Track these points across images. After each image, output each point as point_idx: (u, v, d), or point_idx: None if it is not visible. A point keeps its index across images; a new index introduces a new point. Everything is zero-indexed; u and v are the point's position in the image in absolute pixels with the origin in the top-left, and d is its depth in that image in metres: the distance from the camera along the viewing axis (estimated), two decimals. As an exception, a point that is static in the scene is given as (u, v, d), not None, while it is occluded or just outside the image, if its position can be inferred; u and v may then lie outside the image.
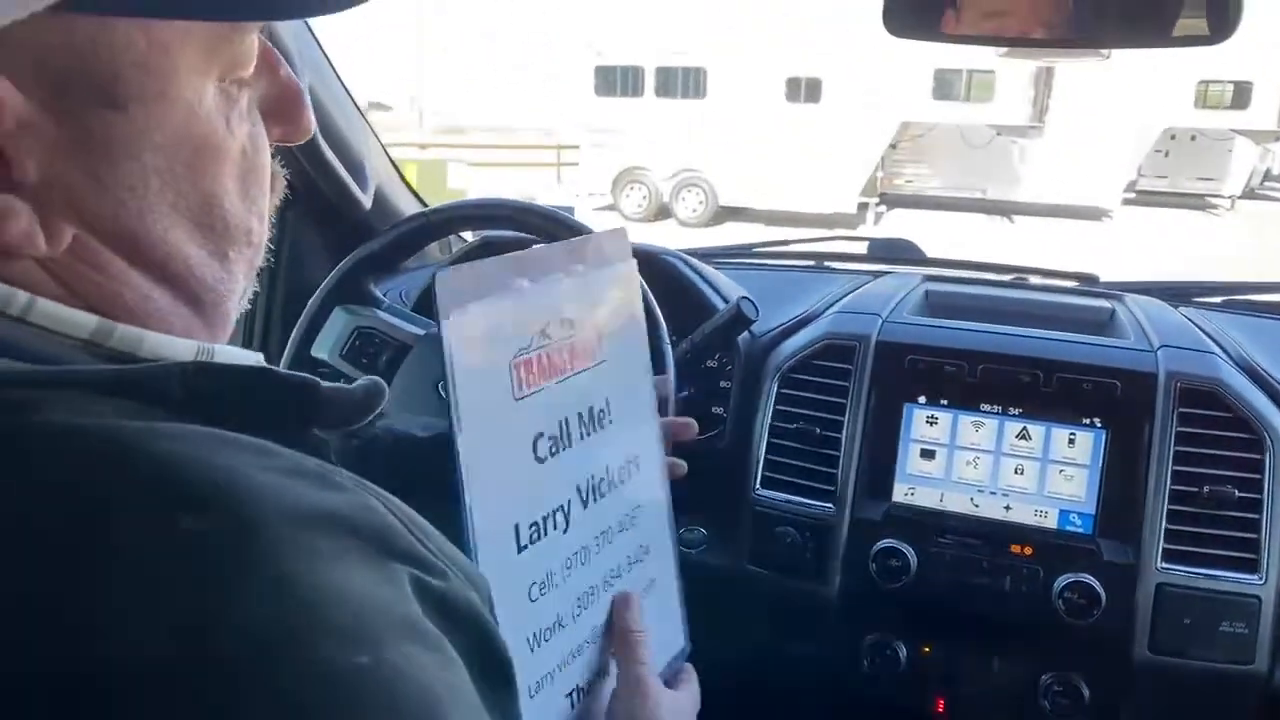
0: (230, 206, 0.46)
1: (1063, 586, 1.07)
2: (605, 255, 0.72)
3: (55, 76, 0.38)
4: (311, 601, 0.34)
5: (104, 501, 0.34)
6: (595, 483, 0.69)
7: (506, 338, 0.61)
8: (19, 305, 0.40)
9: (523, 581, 0.62)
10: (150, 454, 0.36)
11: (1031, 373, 1.13)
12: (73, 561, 0.33)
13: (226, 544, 0.34)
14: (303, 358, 1.16)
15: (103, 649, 0.32)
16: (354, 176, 1.26)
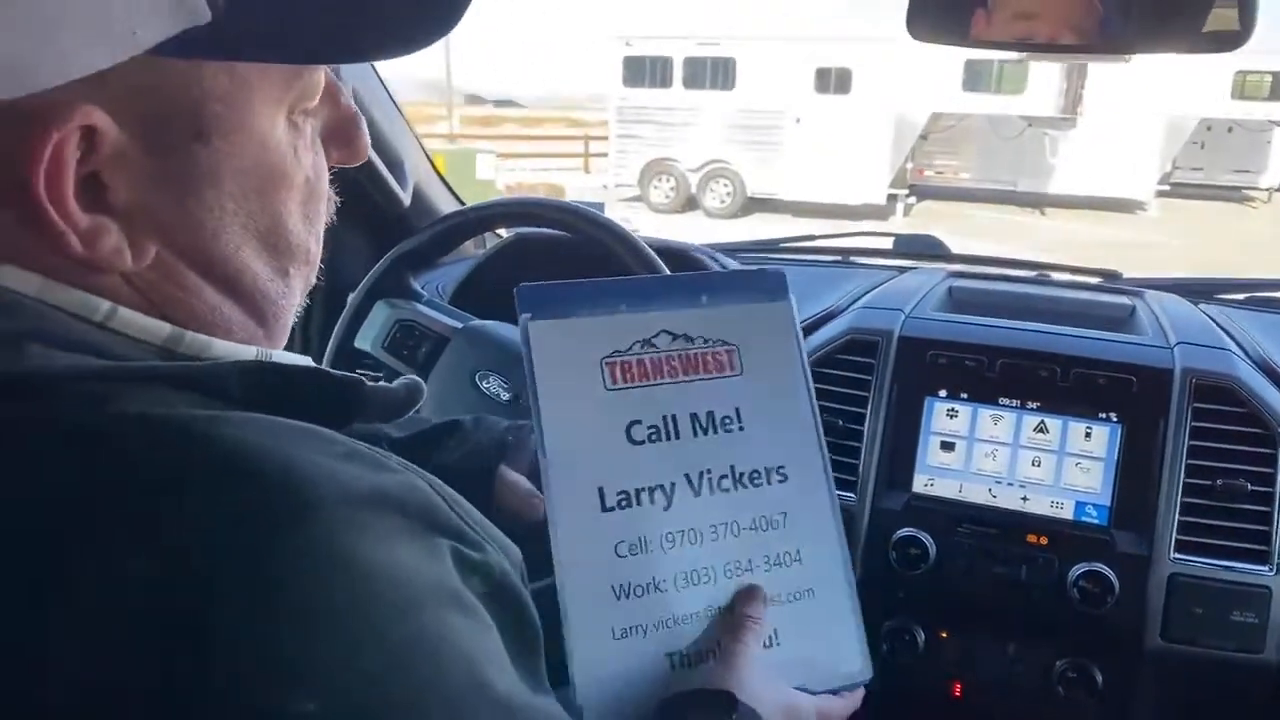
0: (293, 229, 0.51)
1: (1077, 576, 1.10)
2: (747, 289, 0.83)
3: (148, 112, 0.43)
4: (362, 575, 0.39)
5: (177, 481, 0.39)
6: (713, 477, 0.77)
7: (596, 342, 0.75)
8: (102, 313, 0.44)
9: (609, 537, 0.72)
10: (218, 438, 0.40)
11: (1049, 368, 1.16)
12: (151, 533, 0.38)
13: (285, 522, 0.39)
14: (346, 349, 1.21)
15: (180, 603, 0.37)
16: (394, 175, 1.32)
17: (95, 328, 0.45)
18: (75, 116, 0.41)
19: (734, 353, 0.81)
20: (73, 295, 0.44)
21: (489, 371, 1.13)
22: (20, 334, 0.41)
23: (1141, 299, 1.41)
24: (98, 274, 0.44)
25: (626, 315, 0.78)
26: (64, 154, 0.41)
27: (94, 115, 0.41)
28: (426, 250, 1.24)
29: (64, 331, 0.43)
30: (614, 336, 0.76)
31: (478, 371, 1.13)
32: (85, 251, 0.43)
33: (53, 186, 0.41)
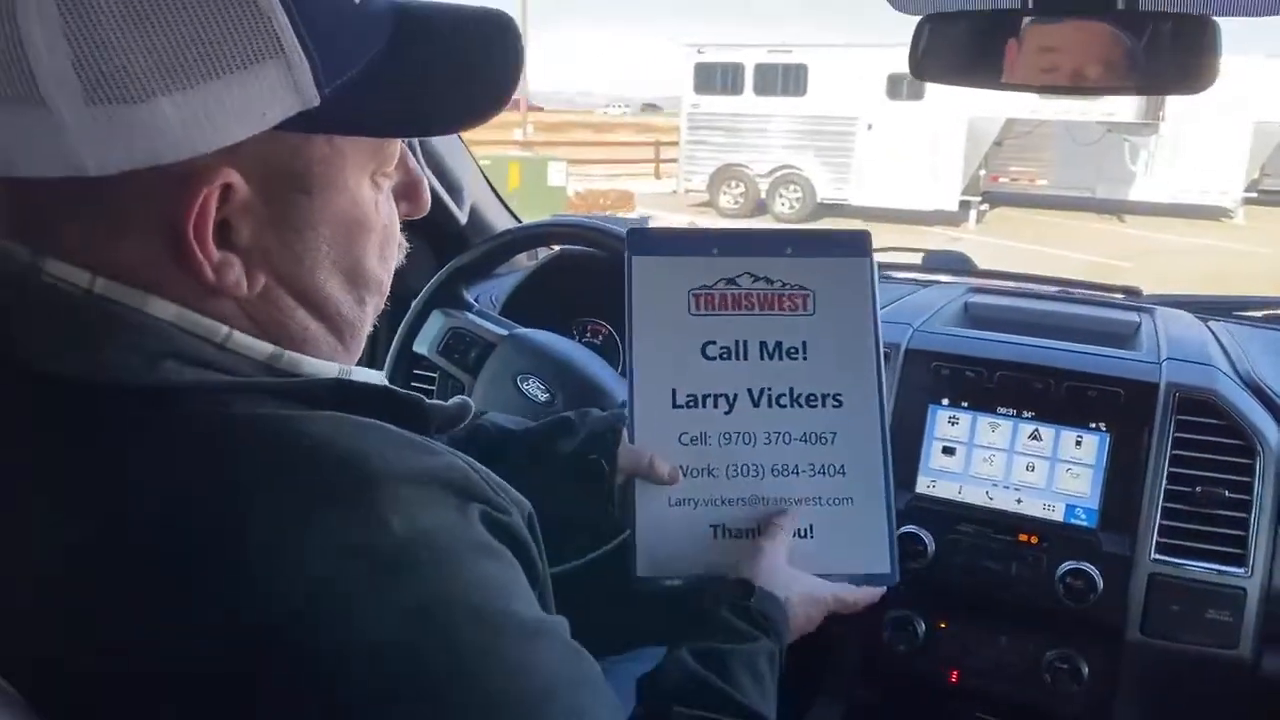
0: (371, 266, 0.63)
1: (1064, 573, 1.19)
2: (829, 245, 0.99)
3: (269, 172, 0.56)
4: (408, 534, 0.52)
5: (274, 464, 0.52)
6: (772, 394, 0.94)
7: (686, 277, 0.95)
8: (221, 336, 0.57)
9: (675, 427, 0.92)
10: (305, 432, 0.54)
11: (1044, 380, 1.25)
12: (257, 503, 0.51)
13: (350, 494, 0.52)
14: (406, 352, 1.36)
15: (267, 553, 0.50)
16: (452, 196, 1.47)
17: (215, 348, 0.57)
18: (219, 176, 0.53)
19: (809, 296, 0.96)
20: (200, 321, 0.56)
21: (529, 375, 1.26)
22: (159, 353, 0.54)
23: (1151, 316, 1.49)
24: (219, 300, 0.57)
25: (716, 258, 0.96)
26: (209, 205, 0.54)
27: (232, 175, 0.54)
28: (477, 265, 1.38)
29: (192, 351, 0.55)
30: (702, 273, 0.96)
31: (519, 375, 1.27)
32: (215, 280, 0.56)
33: (199, 230, 0.54)
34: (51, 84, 0.49)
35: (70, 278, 0.54)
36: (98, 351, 0.53)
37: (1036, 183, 13.69)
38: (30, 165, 0.52)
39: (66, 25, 0.48)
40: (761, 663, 0.73)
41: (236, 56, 0.51)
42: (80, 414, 0.52)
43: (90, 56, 0.49)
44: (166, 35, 0.49)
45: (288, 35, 0.52)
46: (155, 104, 0.50)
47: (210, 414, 0.53)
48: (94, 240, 0.54)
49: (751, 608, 0.78)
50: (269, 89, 0.52)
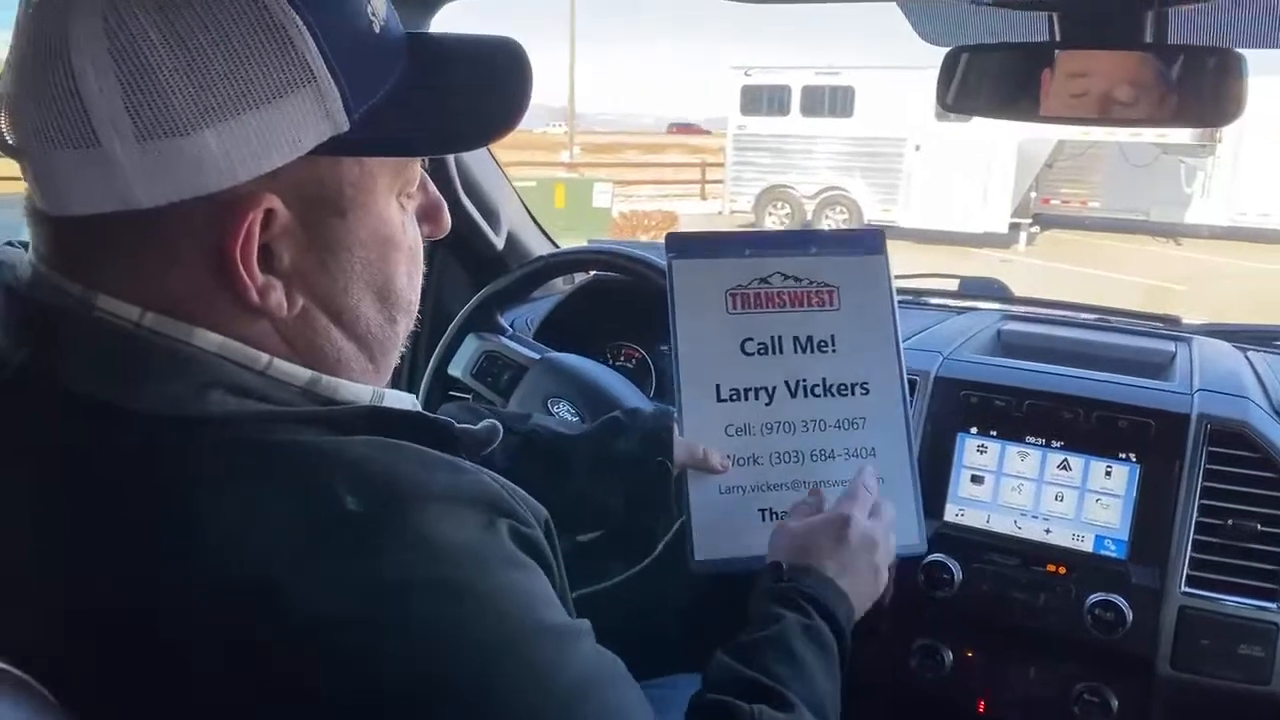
0: (400, 285, 0.66)
1: (1093, 604, 1.18)
2: (849, 244, 1.08)
3: (306, 196, 0.59)
4: (441, 550, 0.55)
5: (315, 487, 0.55)
6: (808, 385, 1.03)
7: (723, 278, 1.03)
8: (262, 364, 0.60)
9: (720, 420, 1.00)
10: (342, 456, 0.57)
11: (1073, 410, 1.25)
12: (299, 519, 0.53)
13: (382, 513, 0.54)
14: (441, 374, 1.40)
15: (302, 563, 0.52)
16: (489, 223, 1.51)
17: (257, 375, 0.59)
18: (262, 202, 0.56)
19: (834, 292, 1.05)
20: (242, 350, 0.58)
21: (560, 398, 1.29)
22: (205, 383, 0.56)
23: (1188, 345, 1.47)
24: (259, 324, 0.60)
25: (749, 259, 1.05)
26: (253, 230, 0.57)
27: (273, 201, 0.56)
28: (512, 290, 1.42)
29: (236, 380, 0.57)
30: (737, 274, 1.04)
31: (550, 398, 1.29)
32: (259, 303, 0.58)
33: (244, 254, 0.56)
34: (106, 124, 0.52)
35: (120, 312, 0.57)
36: (147, 383, 0.55)
37: (1088, 205, 13.49)
38: (84, 202, 0.55)
39: (118, 68, 0.52)
40: (793, 640, 0.76)
41: (272, 86, 0.54)
42: (132, 444, 0.55)
43: (141, 95, 0.52)
44: (209, 70, 0.53)
45: (318, 64, 0.55)
46: (200, 136, 0.53)
47: (254, 441, 0.56)
48: (143, 272, 0.57)
49: (780, 589, 0.82)
50: (303, 115, 0.56)
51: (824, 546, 0.86)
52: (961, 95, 1.16)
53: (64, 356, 0.57)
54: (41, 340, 0.57)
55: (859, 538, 0.88)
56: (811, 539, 0.87)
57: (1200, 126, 1.33)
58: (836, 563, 0.85)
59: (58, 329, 0.57)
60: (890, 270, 1.09)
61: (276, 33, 0.54)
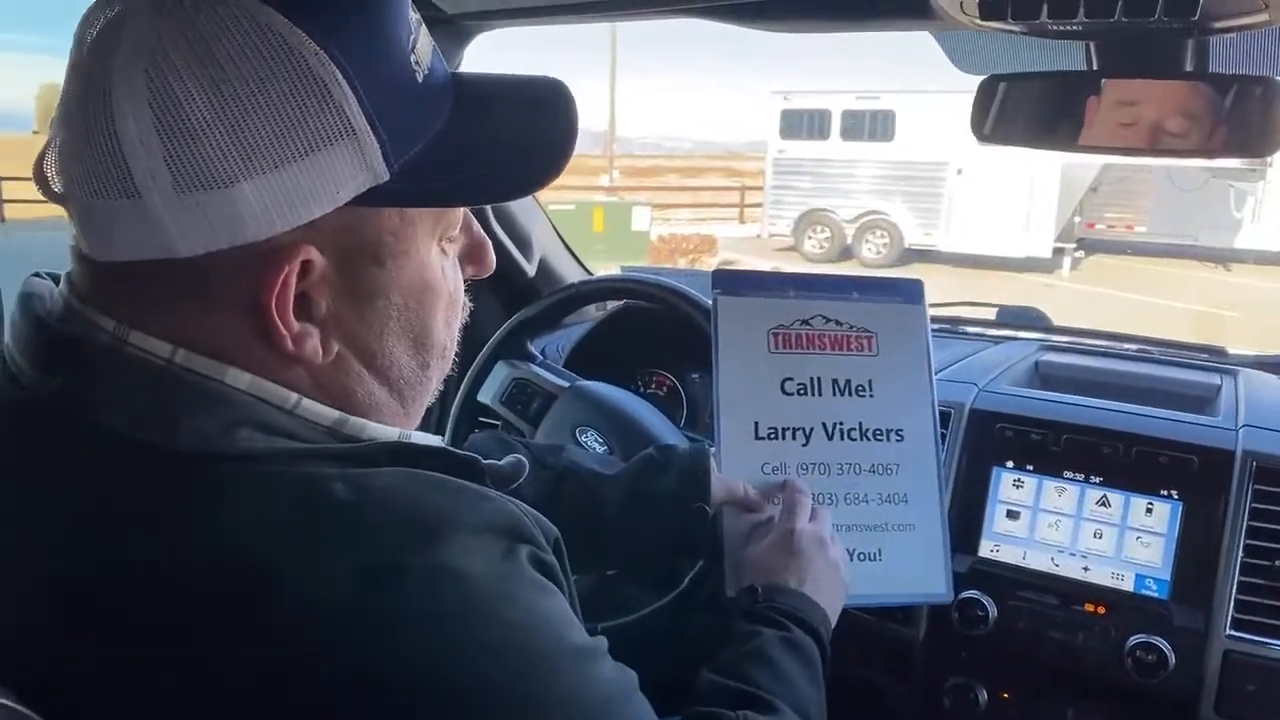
0: (437, 331, 0.66)
1: (1133, 646, 1.15)
2: (889, 292, 1.10)
3: (344, 245, 0.59)
4: (470, 582, 0.55)
5: (341, 520, 0.55)
6: (844, 428, 1.04)
7: (766, 317, 1.04)
8: (291, 403, 0.60)
9: (758, 458, 1.01)
10: (369, 488, 0.56)
11: (1112, 444, 1.22)
12: (328, 552, 0.53)
13: (413, 549, 0.54)
14: (471, 401, 1.40)
15: (337, 603, 0.52)
16: (521, 250, 1.51)
17: (285, 414, 0.59)
18: (300, 254, 0.56)
19: (873, 338, 1.07)
20: (271, 388, 0.59)
21: (588, 427, 1.28)
22: (235, 421, 0.56)
23: (1234, 378, 1.43)
24: (292, 368, 0.60)
25: (793, 299, 1.07)
26: (290, 281, 0.57)
27: (310, 252, 0.56)
28: (543, 317, 1.42)
29: (264, 418, 0.58)
30: (780, 313, 1.05)
31: (578, 426, 1.29)
32: (295, 351, 0.59)
33: (280, 304, 0.56)
34: (146, 177, 0.53)
35: (152, 349, 0.57)
36: (177, 419, 0.56)
37: (1135, 230, 13.25)
38: (122, 249, 0.56)
39: (159, 122, 0.53)
40: (771, 650, 0.80)
41: (311, 140, 0.55)
42: (159, 479, 0.55)
43: (180, 149, 0.53)
44: (248, 124, 0.53)
45: (358, 118, 0.56)
46: (238, 189, 0.54)
47: (280, 475, 0.56)
48: (177, 313, 0.57)
49: (756, 609, 0.85)
50: (342, 168, 0.56)
51: (781, 563, 0.91)
52: (999, 125, 1.15)
53: (94, 389, 0.57)
54: (72, 372, 0.58)
55: (808, 543, 0.92)
56: (769, 559, 0.92)
57: (1249, 157, 1.31)
58: (798, 575, 0.89)
59: (89, 362, 0.58)
60: (928, 321, 1.11)
61: (316, 87, 0.54)
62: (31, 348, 0.60)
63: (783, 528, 0.94)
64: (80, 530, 0.55)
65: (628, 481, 1.01)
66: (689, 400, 1.61)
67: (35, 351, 0.59)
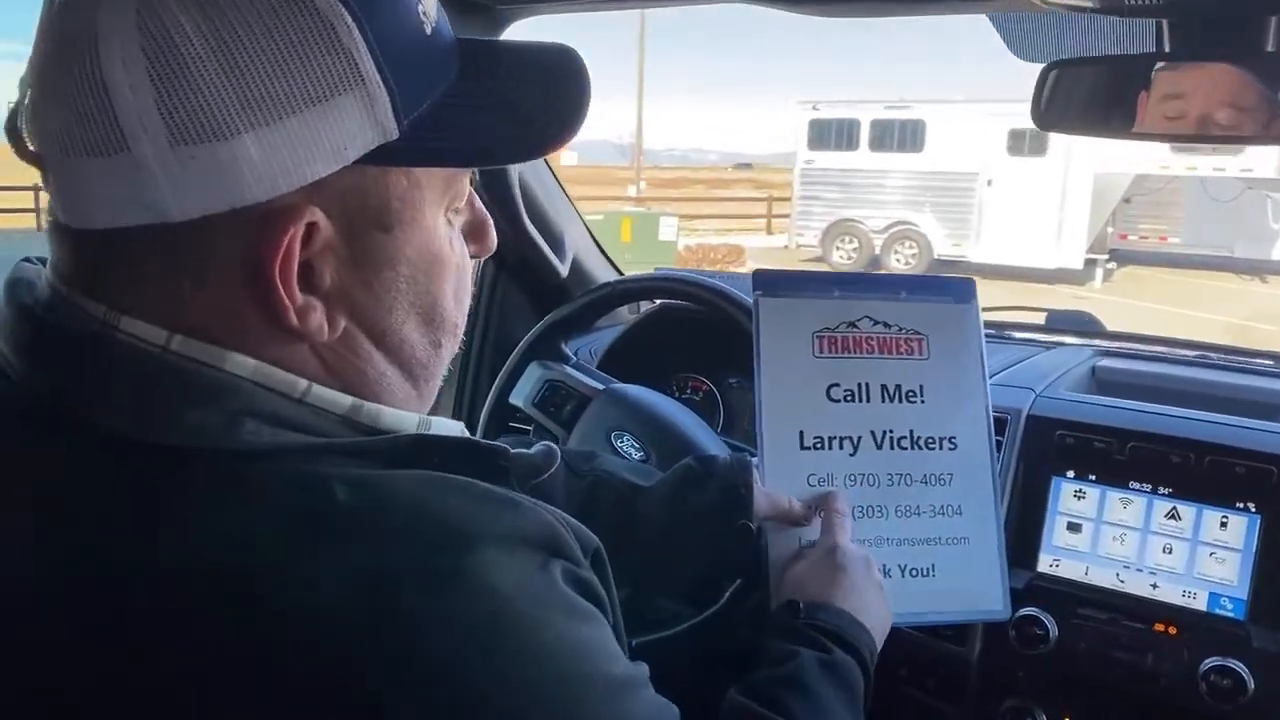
0: (447, 306, 0.61)
1: (1208, 669, 1.07)
2: (940, 291, 1.04)
3: (350, 208, 0.54)
4: (503, 600, 0.49)
5: (364, 529, 0.49)
6: (894, 437, 0.98)
7: (810, 319, 0.98)
8: (299, 390, 0.55)
9: (803, 469, 0.95)
10: (388, 492, 0.51)
11: (1182, 454, 1.14)
12: (343, 560, 0.48)
13: (442, 565, 0.49)
14: (503, 403, 1.34)
15: (355, 626, 0.47)
16: (554, 249, 1.46)
17: (294, 403, 0.54)
18: (305, 215, 0.51)
19: (924, 341, 1.01)
20: (278, 375, 0.54)
21: (624, 431, 1.23)
22: (239, 411, 0.51)
23: (1304, 385, 1.35)
24: (297, 347, 0.55)
25: (838, 300, 1.00)
26: (294, 246, 0.51)
27: (316, 214, 0.52)
28: (576, 318, 1.36)
29: (271, 408, 0.53)
30: (825, 316, 0.99)
31: (614, 431, 1.23)
32: (299, 325, 0.53)
33: (284, 272, 0.51)
34: (135, 127, 0.48)
35: (146, 336, 0.52)
36: (176, 413, 0.50)
37: (1168, 241, 13.07)
38: (109, 214, 0.50)
39: (151, 65, 0.47)
40: (808, 676, 0.74)
41: (317, 89, 0.50)
42: (158, 479, 0.50)
43: (175, 95, 0.48)
44: (250, 69, 0.48)
45: (367, 65, 0.51)
46: (239, 142, 0.49)
47: (290, 475, 0.51)
48: (171, 291, 0.52)
49: (795, 625, 0.80)
50: (349, 122, 0.51)
51: (826, 578, 0.85)
52: (1050, 112, 1.09)
53: (86, 384, 0.52)
54: (60, 365, 0.53)
55: (853, 561, 0.87)
56: (811, 575, 0.86)
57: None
58: (843, 591, 0.84)
59: (79, 354, 0.53)
60: (980, 321, 1.04)
61: (324, 29, 0.49)
62: (18, 339, 0.55)
63: (825, 543, 0.89)
64: (73, 535, 0.50)
65: (666, 494, 0.95)
66: (725, 406, 1.55)
67: (22, 343, 0.54)
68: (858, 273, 2.49)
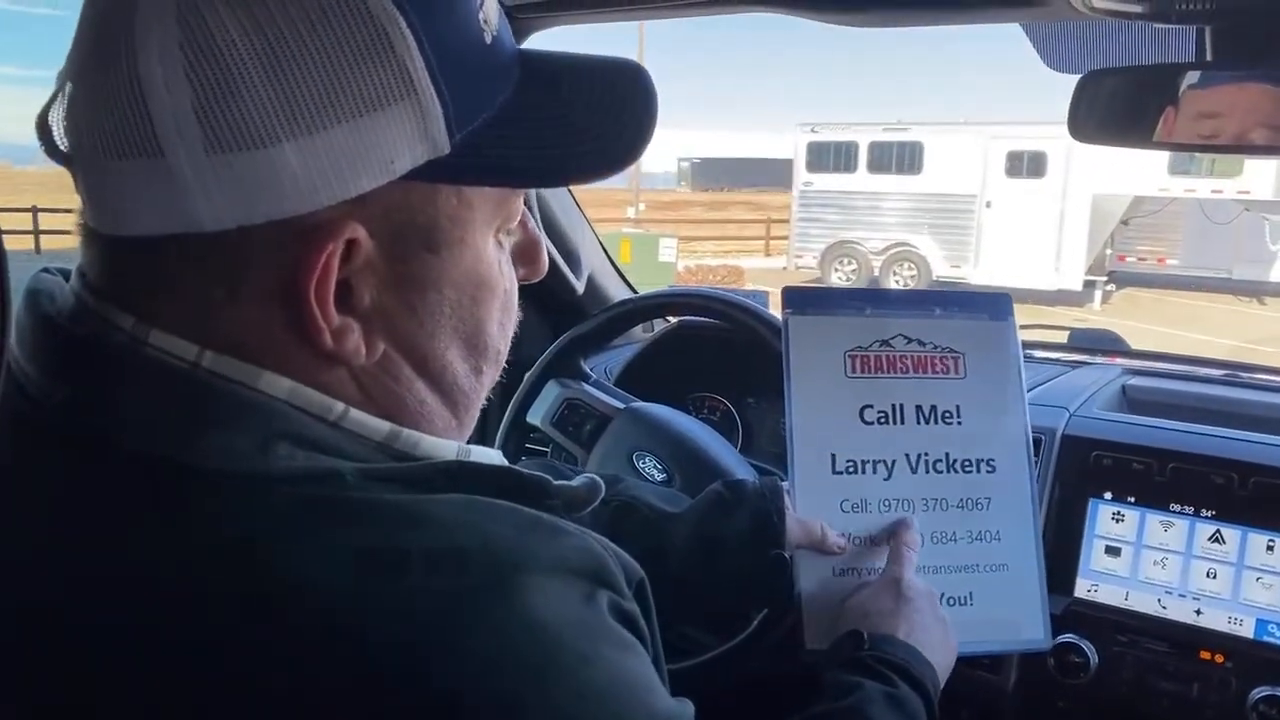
0: (491, 333, 0.57)
1: (1258, 699, 1.03)
2: (975, 308, 1.00)
3: (395, 226, 0.50)
4: (549, 634, 0.46)
5: (395, 551, 0.46)
6: (930, 460, 0.94)
7: (842, 337, 0.94)
8: (335, 414, 0.51)
9: (836, 494, 0.91)
10: (427, 516, 0.48)
11: (1225, 474, 1.11)
12: (376, 597, 0.44)
13: (485, 597, 0.45)
14: (519, 423, 1.30)
15: (396, 666, 0.43)
16: (570, 266, 1.42)
17: (330, 427, 0.51)
18: (345, 231, 0.48)
19: (960, 359, 0.97)
20: (313, 397, 0.51)
21: (646, 452, 1.19)
22: (272, 434, 0.48)
23: (1341, 404, 1.32)
24: (333, 370, 0.52)
25: (870, 318, 0.96)
26: (331, 264, 0.48)
27: (357, 231, 0.48)
28: (595, 335, 1.32)
29: (306, 432, 0.49)
30: (857, 334, 0.95)
31: (635, 451, 1.19)
32: (334, 347, 0.50)
33: (320, 292, 0.48)
34: (170, 130, 0.45)
35: (176, 350, 0.49)
36: (204, 433, 0.47)
37: (1167, 263, 13.09)
38: (140, 221, 0.47)
39: (190, 66, 0.44)
40: (872, 708, 0.71)
41: (366, 98, 0.46)
42: (185, 503, 0.46)
43: (214, 100, 0.45)
44: (295, 74, 0.45)
45: (420, 75, 0.47)
46: (279, 151, 0.45)
47: (325, 500, 0.47)
48: (203, 305, 0.49)
49: (860, 657, 0.76)
50: (399, 134, 0.47)
51: (890, 610, 0.82)
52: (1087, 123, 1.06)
53: (109, 399, 0.49)
54: (85, 379, 0.49)
55: (918, 594, 0.84)
56: (876, 605, 0.82)
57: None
58: (908, 624, 0.80)
59: (103, 367, 0.49)
60: (1018, 338, 1.01)
61: (377, 35, 0.46)
62: (39, 352, 0.51)
63: (890, 574, 0.85)
64: (92, 560, 0.46)
65: (694, 521, 0.92)
66: (744, 426, 1.51)
67: (43, 356, 0.51)
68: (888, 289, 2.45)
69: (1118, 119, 1.05)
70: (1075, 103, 1.05)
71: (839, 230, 13.39)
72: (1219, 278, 12.65)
